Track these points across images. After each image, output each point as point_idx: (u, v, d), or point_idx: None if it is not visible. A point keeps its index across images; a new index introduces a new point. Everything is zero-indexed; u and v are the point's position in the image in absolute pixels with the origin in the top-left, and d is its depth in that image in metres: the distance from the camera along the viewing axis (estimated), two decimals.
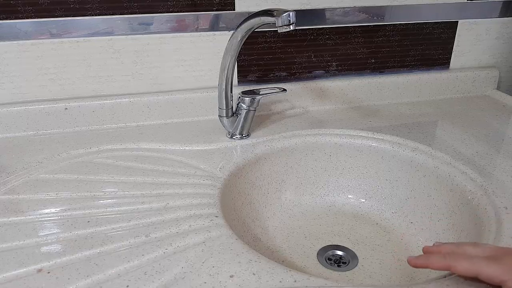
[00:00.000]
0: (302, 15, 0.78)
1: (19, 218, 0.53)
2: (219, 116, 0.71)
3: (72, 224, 0.52)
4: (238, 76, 0.81)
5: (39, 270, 0.44)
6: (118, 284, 0.43)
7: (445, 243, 0.45)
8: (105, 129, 0.76)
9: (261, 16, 0.58)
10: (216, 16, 0.75)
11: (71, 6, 0.70)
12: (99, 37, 0.73)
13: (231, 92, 0.69)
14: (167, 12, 0.73)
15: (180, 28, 0.75)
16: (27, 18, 0.69)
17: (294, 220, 0.68)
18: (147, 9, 0.73)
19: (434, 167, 0.65)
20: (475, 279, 0.41)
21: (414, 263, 0.43)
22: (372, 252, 0.61)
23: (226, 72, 0.66)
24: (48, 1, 0.69)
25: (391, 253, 0.61)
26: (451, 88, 0.89)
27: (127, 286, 0.42)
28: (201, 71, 0.79)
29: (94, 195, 0.57)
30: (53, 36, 0.71)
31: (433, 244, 0.45)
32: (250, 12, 0.73)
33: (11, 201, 0.56)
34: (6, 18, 0.69)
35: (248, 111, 0.70)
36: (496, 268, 0.38)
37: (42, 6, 0.69)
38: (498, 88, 0.94)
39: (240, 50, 0.65)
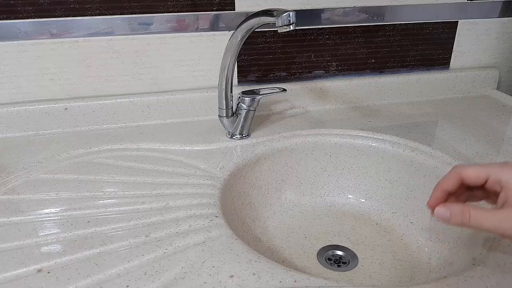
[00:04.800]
0: (302, 15, 0.78)
1: (19, 218, 0.53)
2: (219, 116, 0.71)
3: (72, 224, 0.52)
4: (238, 76, 0.81)
5: (39, 270, 0.44)
6: (118, 284, 0.43)
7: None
8: (105, 129, 0.76)
9: (261, 16, 0.58)
10: (216, 16, 0.75)
11: (71, 6, 0.70)
12: (99, 37, 0.73)
13: (231, 92, 0.69)
14: (167, 12, 0.73)
15: (180, 28, 0.75)
16: (27, 18, 0.69)
17: (294, 220, 0.68)
18: (147, 9, 0.73)
19: (434, 167, 0.65)
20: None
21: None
22: (372, 252, 0.61)
23: (226, 72, 0.66)
24: (48, 1, 0.69)
25: (391, 253, 0.61)
26: (451, 88, 0.89)
27: (127, 286, 0.42)
28: (201, 71, 0.79)
29: (94, 195, 0.57)
30: (53, 36, 0.71)
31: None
32: (250, 12, 0.73)
33: (11, 201, 0.56)
34: (6, 18, 0.69)
35: (248, 111, 0.70)
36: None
37: (42, 6, 0.69)
38: (498, 88, 0.94)
39: (240, 50, 0.65)
